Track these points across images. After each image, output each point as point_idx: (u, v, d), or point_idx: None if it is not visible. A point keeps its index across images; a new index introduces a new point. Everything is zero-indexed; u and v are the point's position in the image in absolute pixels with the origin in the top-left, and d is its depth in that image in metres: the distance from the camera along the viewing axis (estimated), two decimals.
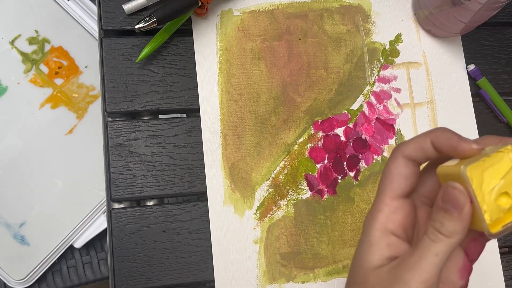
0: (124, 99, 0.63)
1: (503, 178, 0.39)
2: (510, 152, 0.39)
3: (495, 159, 0.39)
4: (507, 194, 0.39)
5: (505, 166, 0.39)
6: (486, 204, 0.38)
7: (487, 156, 0.39)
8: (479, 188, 0.38)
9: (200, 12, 0.65)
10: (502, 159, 0.39)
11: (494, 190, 0.39)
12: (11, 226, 0.98)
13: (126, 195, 0.62)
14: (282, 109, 0.65)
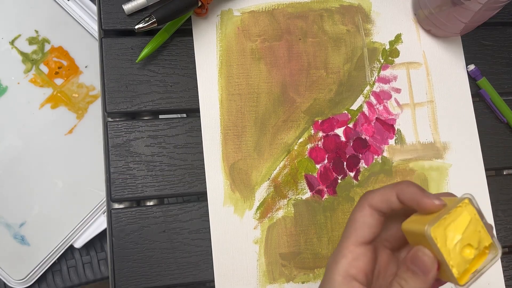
0: (124, 99, 0.63)
1: (465, 232, 0.41)
2: (468, 205, 0.42)
3: (455, 214, 0.42)
4: (470, 245, 0.41)
5: (465, 220, 0.42)
6: (452, 260, 0.41)
7: (447, 213, 0.42)
8: (444, 246, 0.41)
9: (200, 12, 0.65)
10: (462, 214, 0.42)
11: (458, 245, 0.41)
12: (11, 226, 0.98)
13: (126, 195, 0.62)
14: (282, 109, 0.65)
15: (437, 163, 0.67)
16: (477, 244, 0.42)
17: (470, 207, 0.42)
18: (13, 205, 0.99)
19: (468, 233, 0.42)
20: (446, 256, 0.41)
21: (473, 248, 0.42)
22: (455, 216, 0.42)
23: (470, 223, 0.42)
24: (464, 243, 0.41)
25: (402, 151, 0.67)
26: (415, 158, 0.67)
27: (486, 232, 0.42)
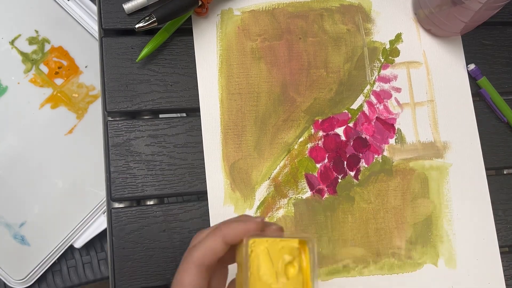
0: (124, 98, 0.63)
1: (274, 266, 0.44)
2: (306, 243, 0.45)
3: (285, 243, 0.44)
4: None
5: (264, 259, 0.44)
6: None
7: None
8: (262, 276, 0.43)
9: (200, 11, 0.64)
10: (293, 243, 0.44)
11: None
12: (11, 226, 0.98)
13: (126, 194, 0.62)
14: (282, 109, 0.65)
15: (437, 163, 0.67)
16: (291, 281, 0.44)
17: (304, 248, 0.45)
18: (13, 205, 0.98)
19: (288, 266, 0.44)
20: (250, 269, 0.43)
21: (283, 280, 0.43)
22: (284, 244, 0.44)
23: (296, 261, 0.44)
24: (277, 270, 0.44)
25: (403, 151, 0.67)
26: (415, 157, 0.67)
27: (309, 278, 0.44)
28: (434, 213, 0.66)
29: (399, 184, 0.66)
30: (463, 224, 0.66)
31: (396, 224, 0.65)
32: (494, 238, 0.67)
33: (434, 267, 0.65)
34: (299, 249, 0.44)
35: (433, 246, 0.65)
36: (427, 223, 0.66)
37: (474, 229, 0.66)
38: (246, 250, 0.43)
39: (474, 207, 0.67)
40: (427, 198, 0.66)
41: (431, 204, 0.66)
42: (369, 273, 0.64)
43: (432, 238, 0.65)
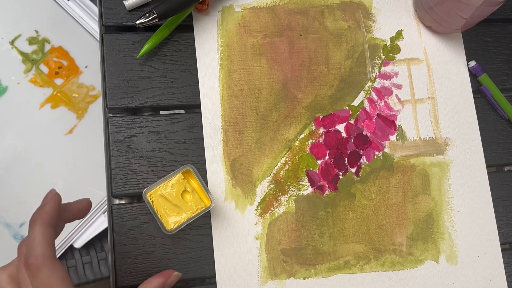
0: (125, 95, 0.63)
1: (180, 193, 0.57)
2: (189, 172, 0.58)
3: (173, 180, 0.57)
4: (182, 205, 0.57)
5: (181, 184, 0.57)
6: (164, 215, 0.57)
7: (166, 180, 0.57)
8: (159, 205, 0.57)
9: (201, 8, 0.65)
10: (179, 179, 0.57)
11: (171, 204, 0.57)
12: (11, 226, 0.98)
13: (127, 191, 0.61)
14: (283, 105, 0.65)
15: (438, 159, 0.67)
16: (193, 202, 0.57)
17: (190, 175, 0.58)
18: (13, 205, 0.98)
19: (184, 194, 0.57)
20: (159, 213, 0.56)
21: (187, 206, 0.57)
22: (172, 181, 0.57)
23: (187, 187, 0.57)
24: (177, 202, 0.56)
25: (403, 147, 0.67)
26: (416, 154, 0.67)
27: (204, 193, 0.57)
28: (435, 209, 0.66)
29: (400, 181, 0.66)
30: (464, 220, 0.66)
31: (397, 221, 0.65)
32: (495, 235, 0.67)
33: (435, 263, 0.65)
34: (185, 178, 0.57)
35: (434, 243, 0.65)
36: (428, 219, 0.66)
37: (475, 226, 0.66)
38: (148, 202, 0.56)
39: (475, 204, 0.67)
40: (428, 194, 0.66)
41: (432, 200, 0.66)
42: (370, 270, 0.64)
43: (433, 234, 0.65)
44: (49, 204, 0.51)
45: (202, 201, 0.57)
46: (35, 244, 0.47)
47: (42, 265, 0.46)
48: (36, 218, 0.49)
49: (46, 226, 0.48)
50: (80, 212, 0.54)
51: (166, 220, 0.56)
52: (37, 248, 0.46)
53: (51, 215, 0.49)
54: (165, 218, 0.56)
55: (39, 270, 0.46)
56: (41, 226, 0.48)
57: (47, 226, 0.48)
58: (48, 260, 0.46)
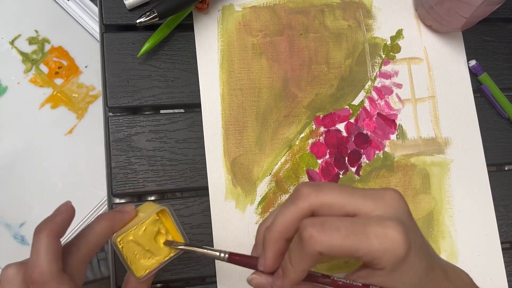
0: (125, 94, 0.63)
1: (153, 237, 0.50)
2: (164, 213, 0.51)
3: (147, 223, 0.50)
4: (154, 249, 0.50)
5: (153, 228, 0.50)
6: (135, 263, 0.49)
7: (139, 223, 0.49)
8: (129, 251, 0.49)
9: (202, 7, 0.65)
10: (153, 222, 0.50)
11: (142, 249, 0.49)
12: (11, 226, 0.97)
13: (127, 190, 0.61)
14: (283, 104, 0.65)
15: (438, 158, 0.67)
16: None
17: (165, 215, 0.51)
18: (13, 205, 0.98)
19: (157, 237, 0.50)
20: (129, 259, 0.49)
21: (160, 249, 0.50)
22: (146, 224, 0.49)
23: (161, 228, 0.50)
24: (150, 247, 0.49)
25: (404, 146, 0.67)
26: (416, 153, 0.67)
27: (179, 234, 0.50)
28: (435, 209, 0.66)
29: (401, 180, 0.66)
30: (465, 220, 0.66)
31: None
32: (496, 234, 0.67)
33: None
34: (159, 219, 0.50)
35: (434, 242, 0.65)
36: (429, 219, 0.65)
37: (476, 225, 0.66)
38: (118, 249, 0.48)
39: (476, 203, 0.67)
40: (429, 194, 0.66)
41: (433, 200, 0.66)
42: None
43: (433, 234, 0.65)
44: (61, 216, 0.47)
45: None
46: (40, 258, 0.43)
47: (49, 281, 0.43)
48: (42, 228, 0.45)
49: (53, 238, 0.44)
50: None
51: (137, 267, 0.49)
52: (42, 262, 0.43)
53: (61, 228, 0.46)
54: (136, 265, 0.49)
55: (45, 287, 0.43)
56: (48, 237, 0.44)
57: (55, 237, 0.44)
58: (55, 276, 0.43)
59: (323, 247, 0.39)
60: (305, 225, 0.40)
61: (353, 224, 0.41)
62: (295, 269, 0.42)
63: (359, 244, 0.39)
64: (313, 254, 0.40)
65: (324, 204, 0.42)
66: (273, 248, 0.44)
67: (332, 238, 0.39)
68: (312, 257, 0.40)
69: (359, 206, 0.42)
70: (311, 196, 0.43)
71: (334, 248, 0.39)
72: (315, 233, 0.40)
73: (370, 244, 0.39)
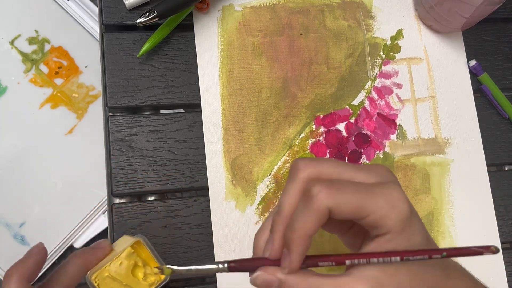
0: (125, 94, 0.63)
1: (131, 271, 0.49)
2: (139, 244, 0.50)
3: (122, 256, 0.49)
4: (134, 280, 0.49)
5: (129, 261, 0.49)
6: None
7: (114, 257, 0.48)
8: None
9: (202, 7, 0.65)
10: (128, 255, 0.49)
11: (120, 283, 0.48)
12: (11, 226, 0.98)
13: (127, 190, 0.61)
14: (283, 104, 0.65)
15: (438, 158, 0.67)
16: (146, 278, 0.49)
17: (140, 246, 0.50)
18: (13, 205, 0.99)
19: (135, 270, 0.49)
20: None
21: (139, 283, 0.49)
22: (121, 258, 0.48)
23: (138, 261, 0.49)
24: (128, 281, 0.48)
25: (404, 146, 0.67)
26: (416, 153, 0.67)
27: (157, 264, 0.49)
28: (435, 209, 0.66)
29: (401, 180, 0.66)
30: (465, 220, 0.66)
31: None
32: (496, 234, 0.67)
33: None
34: (134, 252, 0.49)
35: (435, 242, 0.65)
36: (429, 219, 0.65)
37: (476, 225, 0.66)
38: (93, 286, 0.47)
39: (476, 203, 0.67)
40: (429, 194, 0.66)
41: (433, 200, 0.66)
42: None
43: (433, 233, 0.65)
44: (32, 258, 0.45)
45: (156, 274, 0.50)
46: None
47: None
48: (12, 272, 0.43)
49: (23, 283, 0.43)
50: None
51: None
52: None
53: (32, 271, 0.44)
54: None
55: None
56: (17, 283, 0.42)
57: (25, 282, 0.43)
58: None
59: (332, 201, 0.38)
60: (313, 183, 0.40)
61: (358, 184, 0.40)
62: (301, 232, 0.39)
63: (367, 202, 0.39)
64: (322, 210, 0.39)
65: (323, 173, 0.42)
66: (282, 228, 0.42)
67: (341, 193, 0.39)
68: (320, 214, 0.39)
69: (354, 175, 0.42)
70: (309, 167, 0.42)
71: (343, 203, 0.39)
72: (325, 188, 0.39)
73: (376, 202, 0.39)
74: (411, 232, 0.41)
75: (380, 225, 0.40)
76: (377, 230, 0.40)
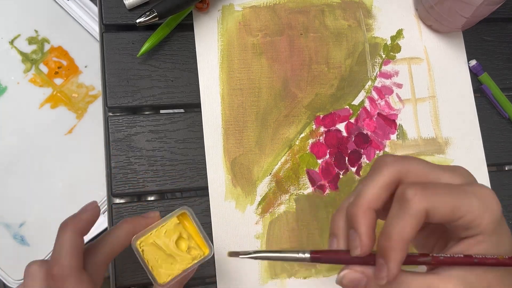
0: (125, 93, 0.63)
1: (174, 241, 0.49)
2: (184, 216, 0.51)
3: (167, 225, 0.49)
4: (177, 254, 0.49)
5: (175, 230, 0.50)
6: (156, 267, 0.48)
7: (159, 225, 0.49)
8: (150, 254, 0.49)
9: (201, 7, 0.64)
10: (173, 224, 0.50)
11: (163, 253, 0.49)
12: (11, 226, 0.98)
13: (127, 190, 0.61)
14: (283, 104, 0.65)
15: (438, 158, 0.67)
16: (189, 251, 0.50)
17: (187, 219, 0.50)
18: (12, 205, 0.98)
19: (179, 241, 0.49)
20: (150, 264, 0.48)
21: (182, 255, 0.49)
22: (166, 227, 0.49)
23: (183, 233, 0.50)
24: (171, 251, 0.49)
25: (404, 146, 0.67)
26: (417, 153, 0.67)
27: (202, 239, 0.50)
28: None
29: None
30: None
31: None
32: None
33: None
34: (180, 223, 0.50)
35: None
36: None
37: None
38: (138, 251, 0.48)
39: None
40: None
41: None
42: None
43: None
44: (86, 214, 0.47)
45: (199, 248, 0.50)
46: (62, 252, 0.44)
47: (68, 276, 0.44)
48: (68, 224, 0.46)
49: (77, 234, 0.45)
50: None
51: (158, 272, 0.48)
52: (63, 257, 0.44)
53: (85, 226, 0.46)
54: (157, 270, 0.48)
55: (64, 282, 0.44)
56: (72, 233, 0.45)
57: (78, 234, 0.45)
58: (75, 272, 0.44)
59: (428, 204, 0.38)
60: (406, 186, 0.39)
61: (450, 185, 0.40)
62: (398, 239, 0.39)
63: (462, 203, 0.38)
64: (419, 213, 0.38)
65: (411, 171, 0.41)
66: (364, 220, 0.41)
67: (436, 195, 0.38)
68: (417, 217, 0.38)
69: (440, 176, 0.41)
70: (398, 163, 0.41)
71: (439, 205, 0.38)
72: (420, 190, 0.38)
73: (470, 203, 0.38)
74: (501, 234, 0.41)
75: (473, 226, 0.39)
76: (468, 231, 0.40)
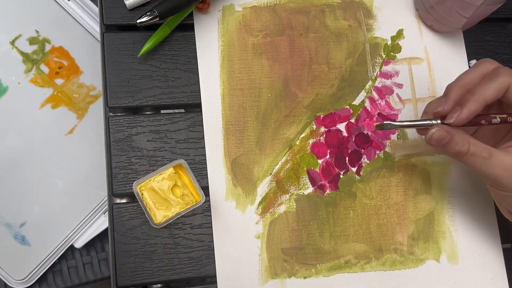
0: (126, 94, 0.63)
1: (170, 187, 0.56)
2: (179, 167, 0.57)
3: (164, 174, 0.56)
4: (171, 199, 0.56)
5: (171, 178, 0.56)
6: (153, 209, 0.56)
7: (156, 174, 0.56)
8: (149, 197, 0.56)
9: (202, 7, 0.65)
10: (169, 173, 0.56)
11: (160, 196, 0.56)
12: (11, 226, 0.97)
13: (127, 190, 0.61)
14: (284, 104, 0.65)
15: (439, 159, 0.67)
16: (183, 197, 0.56)
17: (182, 170, 0.57)
18: (13, 205, 0.98)
19: (174, 189, 0.56)
20: (148, 206, 0.55)
21: (176, 200, 0.56)
22: (163, 175, 0.56)
23: (178, 181, 0.56)
24: (167, 196, 0.56)
25: (404, 147, 0.67)
26: (417, 153, 0.67)
27: (195, 188, 0.56)
28: (436, 209, 0.66)
29: (401, 180, 0.66)
30: (465, 220, 0.66)
31: (398, 220, 0.65)
32: (497, 234, 0.67)
33: (436, 263, 0.65)
34: (175, 173, 0.56)
35: (435, 242, 0.65)
36: (429, 219, 0.65)
37: (476, 225, 0.66)
38: (138, 194, 0.55)
39: (476, 203, 0.67)
40: (429, 194, 0.66)
41: (433, 200, 0.66)
42: (371, 269, 0.64)
43: (434, 234, 0.65)
44: None
45: (192, 196, 0.56)
46: None
47: None
48: None
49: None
50: None
51: (155, 214, 0.55)
52: None
53: None
54: (154, 212, 0.55)
55: None
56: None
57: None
58: None
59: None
60: (500, 67, 0.53)
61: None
62: (480, 96, 0.51)
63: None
64: (503, 84, 0.51)
65: None
66: (458, 92, 0.55)
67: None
68: (500, 87, 0.51)
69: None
70: (495, 63, 0.55)
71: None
72: (509, 72, 0.51)
73: None
74: None
75: None
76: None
